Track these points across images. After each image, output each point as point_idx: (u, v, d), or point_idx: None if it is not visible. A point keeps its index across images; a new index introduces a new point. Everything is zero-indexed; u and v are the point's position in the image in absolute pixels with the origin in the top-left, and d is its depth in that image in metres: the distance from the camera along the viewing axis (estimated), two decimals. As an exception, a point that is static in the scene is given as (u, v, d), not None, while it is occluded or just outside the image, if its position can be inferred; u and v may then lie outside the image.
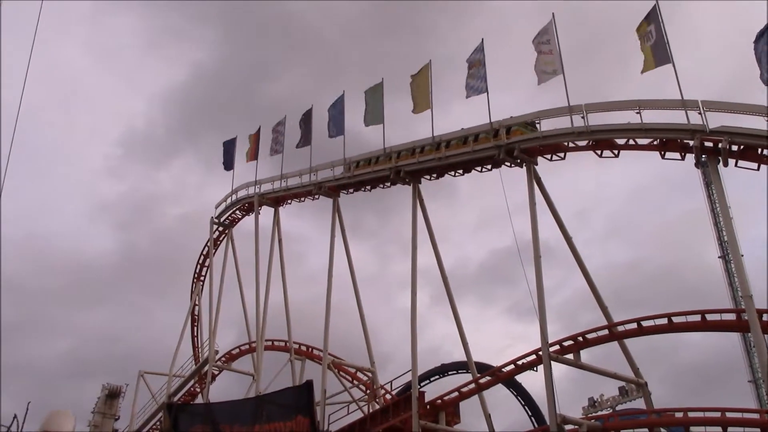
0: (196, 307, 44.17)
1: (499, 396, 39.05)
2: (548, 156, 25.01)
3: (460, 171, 28.03)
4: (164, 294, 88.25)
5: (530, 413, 39.34)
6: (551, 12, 24.20)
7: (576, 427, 22.07)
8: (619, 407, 46.88)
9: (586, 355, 23.56)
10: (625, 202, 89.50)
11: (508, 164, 25.87)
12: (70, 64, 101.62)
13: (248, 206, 40.00)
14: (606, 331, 23.26)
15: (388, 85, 30.37)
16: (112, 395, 43.44)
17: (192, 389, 41.93)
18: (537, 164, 25.11)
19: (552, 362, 21.92)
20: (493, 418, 26.29)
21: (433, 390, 30.04)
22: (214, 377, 38.50)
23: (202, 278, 44.34)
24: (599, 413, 38.12)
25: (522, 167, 25.29)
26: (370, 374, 33.42)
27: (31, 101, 22.47)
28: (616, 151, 23.25)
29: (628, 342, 23.84)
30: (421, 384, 31.46)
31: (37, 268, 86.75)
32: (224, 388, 40.59)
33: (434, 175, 28.93)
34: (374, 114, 30.63)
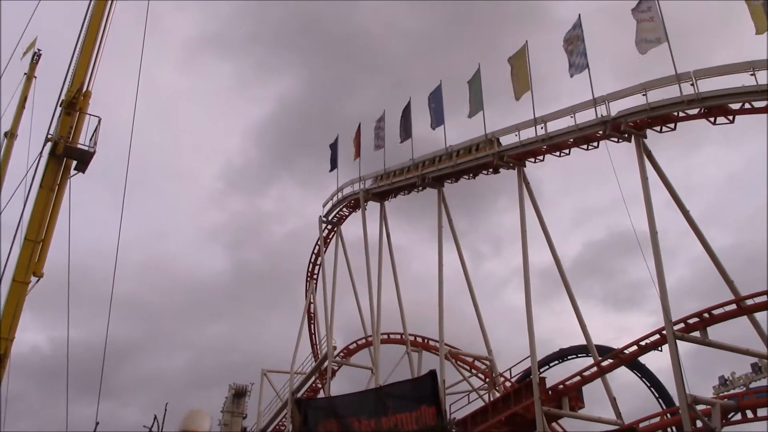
0: (312, 305, 45.23)
1: (622, 380, 38.08)
2: (657, 128, 24.14)
3: (566, 151, 27.45)
4: (276, 304, 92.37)
5: (657, 395, 38.01)
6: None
7: (708, 407, 21.22)
8: (752, 385, 44.59)
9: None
10: (719, 188, 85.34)
11: (615, 140, 25.13)
12: (170, 106, 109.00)
13: (354, 203, 40.56)
14: (734, 306, 22.13)
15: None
16: (239, 394, 45.01)
17: (313, 385, 42.93)
18: (646, 137, 24.27)
19: (677, 341, 21.17)
20: (617, 402, 25.64)
21: (554, 376, 29.61)
22: (334, 372, 39.29)
23: (315, 277, 45.36)
24: (732, 392, 36.43)
25: (630, 141, 24.50)
26: (487, 362, 33.23)
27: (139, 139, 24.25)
28: (730, 117, 22.19)
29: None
30: (541, 370, 31.03)
31: (159, 287, 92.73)
32: (344, 383, 41.45)
33: (539, 158, 28.45)
34: (476, 103, 30.53)
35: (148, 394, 74.08)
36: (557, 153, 27.72)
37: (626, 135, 24.48)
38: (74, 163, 20.89)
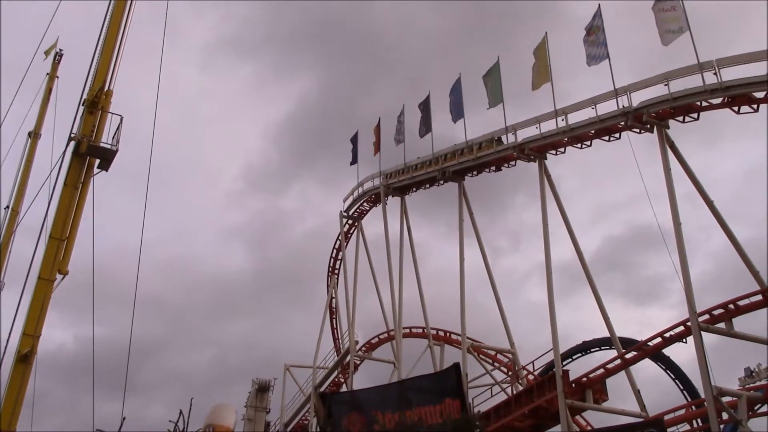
0: (333, 300, 45.34)
1: (646, 372, 37.82)
2: (680, 118, 23.89)
3: (587, 143, 27.26)
4: (298, 300, 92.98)
5: (681, 387, 37.69)
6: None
7: (734, 399, 21.03)
8: (779, 376, 44.03)
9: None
10: (737, 182, 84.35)
11: (637, 131, 24.91)
12: (190, 107, 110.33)
13: (375, 197, 40.59)
14: (759, 297, 21.88)
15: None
16: (262, 389, 45.12)
17: (336, 379, 43.06)
18: (669, 128, 24.03)
19: (702, 332, 20.99)
20: (641, 394, 25.47)
21: (577, 369, 29.49)
22: (356, 367, 39.36)
23: (336, 272, 45.46)
24: (758, 383, 36.03)
25: (652, 132, 24.28)
26: (510, 356, 33.13)
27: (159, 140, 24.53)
28: (755, 106, 21.93)
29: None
30: (564, 363, 30.88)
31: (182, 286, 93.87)
32: (366, 377, 41.54)
33: (560, 150, 28.28)
34: (495, 95, 30.42)
35: (173, 390, 74.96)
36: (578, 145, 27.52)
37: (648, 126, 24.25)
38: (97, 161, 21.14)
